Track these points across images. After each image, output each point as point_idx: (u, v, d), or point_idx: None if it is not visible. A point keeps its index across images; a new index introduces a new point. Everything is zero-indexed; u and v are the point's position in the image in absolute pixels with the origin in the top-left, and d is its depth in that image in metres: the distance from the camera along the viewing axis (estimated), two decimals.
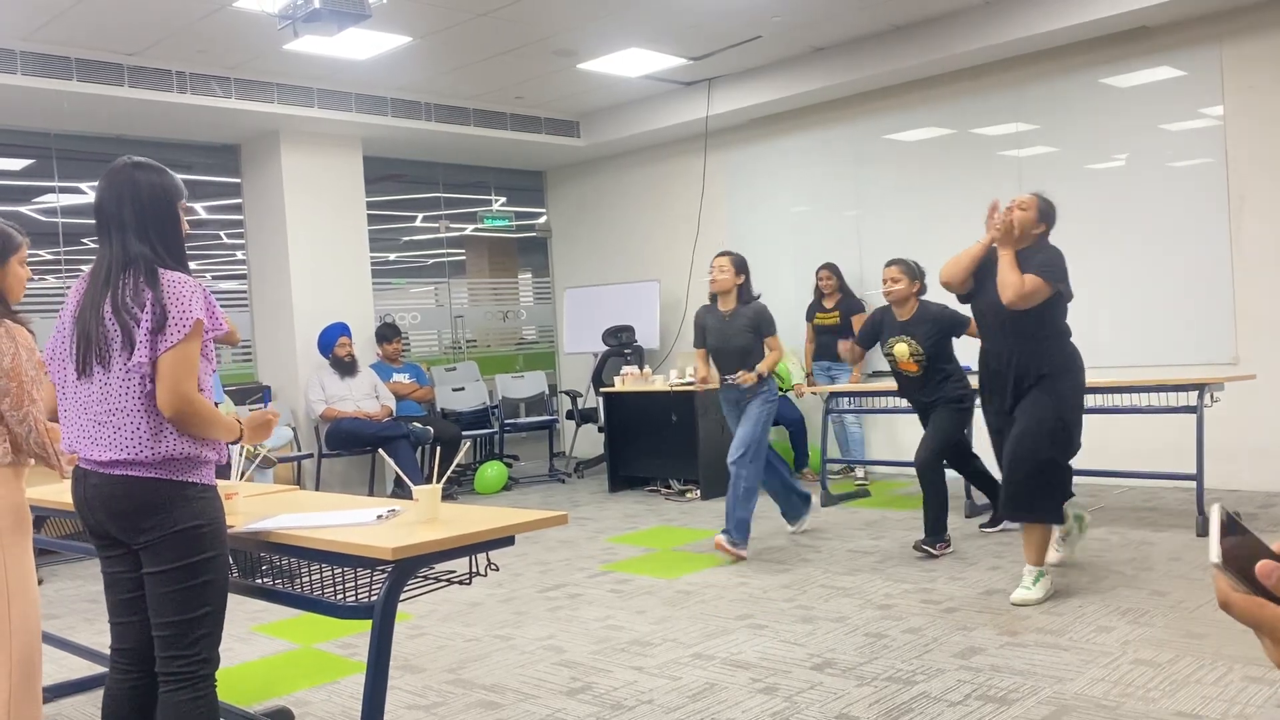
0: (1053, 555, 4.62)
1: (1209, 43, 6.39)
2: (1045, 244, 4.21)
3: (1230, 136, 6.35)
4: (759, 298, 5.53)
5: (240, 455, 3.20)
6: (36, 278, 2.78)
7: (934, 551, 5.10)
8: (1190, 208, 6.50)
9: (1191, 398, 5.41)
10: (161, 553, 2.27)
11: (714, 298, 5.53)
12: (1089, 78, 6.87)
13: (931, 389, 5.24)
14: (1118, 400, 5.78)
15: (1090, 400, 5.84)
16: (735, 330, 5.41)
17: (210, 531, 2.31)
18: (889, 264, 5.34)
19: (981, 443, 4.95)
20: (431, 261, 9.66)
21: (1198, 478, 5.35)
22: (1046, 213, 4.28)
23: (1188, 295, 6.52)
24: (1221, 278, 6.40)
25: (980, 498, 6.19)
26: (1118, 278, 6.78)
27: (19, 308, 2.77)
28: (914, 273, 5.31)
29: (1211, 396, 5.40)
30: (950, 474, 5.31)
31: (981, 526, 5.71)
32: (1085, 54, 6.83)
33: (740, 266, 5.48)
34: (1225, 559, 0.80)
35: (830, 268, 7.74)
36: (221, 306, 5.27)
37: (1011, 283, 4.03)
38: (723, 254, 5.55)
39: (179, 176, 2.52)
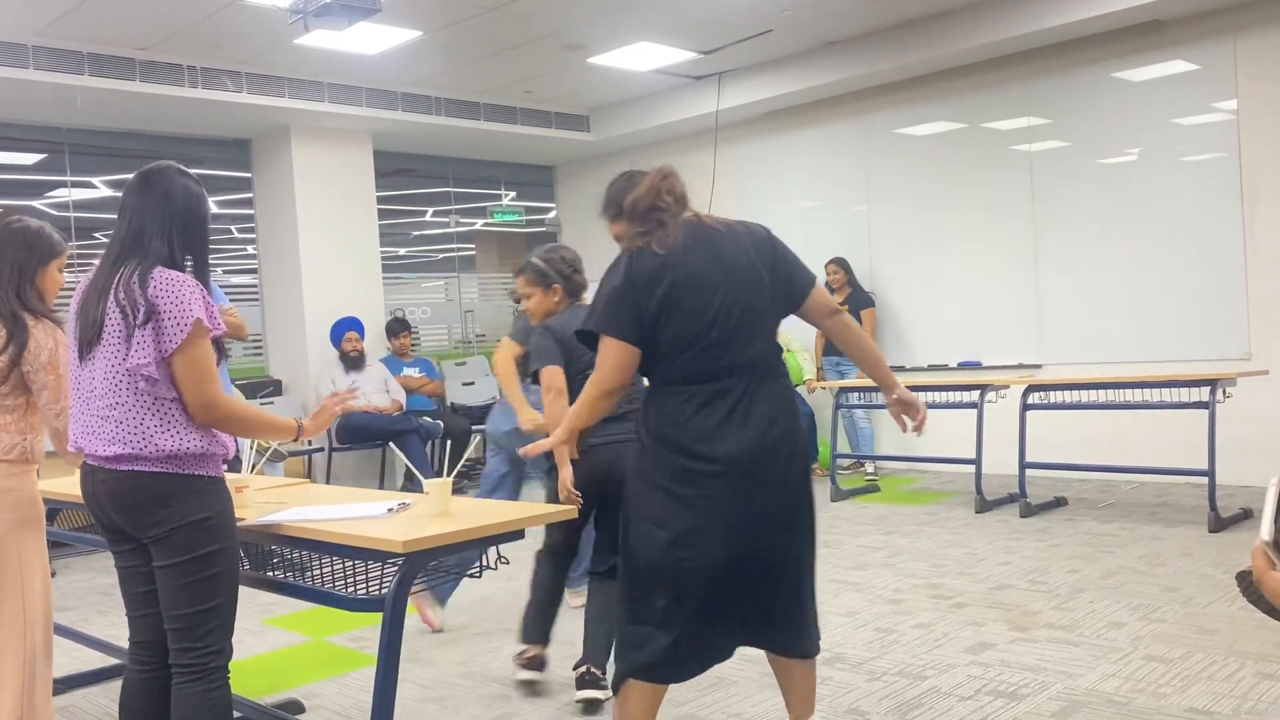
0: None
1: (1222, 36, 6.35)
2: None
3: (1243, 130, 6.31)
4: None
5: (251, 449, 3.21)
6: None
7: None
8: (1203, 202, 6.46)
9: (1204, 393, 5.39)
10: (170, 546, 2.28)
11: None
12: (1101, 72, 6.83)
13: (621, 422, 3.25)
14: (1130, 395, 5.76)
15: (1102, 395, 5.85)
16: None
17: (218, 524, 2.32)
18: (517, 273, 3.71)
19: None
20: (441, 256, 9.66)
21: (1210, 473, 5.33)
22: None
23: (1200, 290, 6.49)
24: (1234, 273, 6.36)
25: (993, 491, 6.17)
26: (1130, 273, 6.76)
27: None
28: (548, 278, 3.52)
29: (1224, 392, 5.38)
30: None
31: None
32: (1097, 48, 6.80)
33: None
34: (1277, 536, 0.80)
35: (839, 262, 7.73)
36: (233, 301, 5.28)
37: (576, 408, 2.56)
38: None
39: (193, 171, 2.51)
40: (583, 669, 3.29)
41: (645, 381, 2.59)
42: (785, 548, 2.51)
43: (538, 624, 3.51)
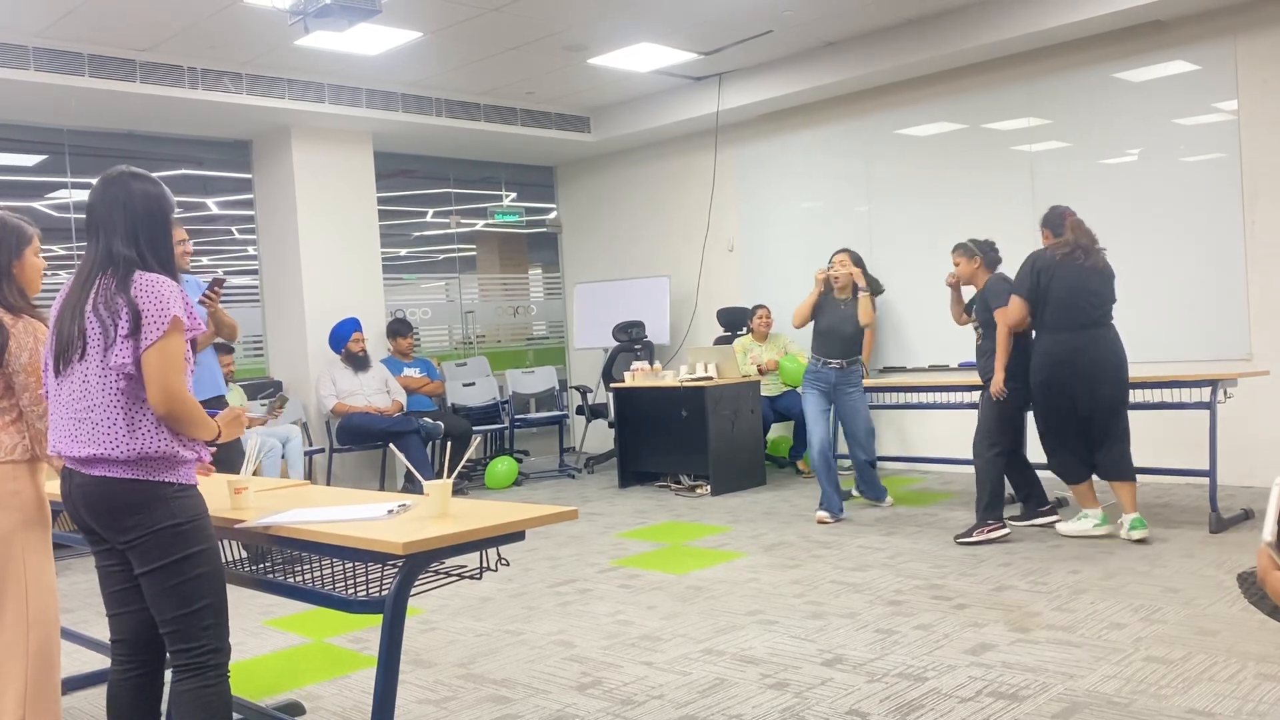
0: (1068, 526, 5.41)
1: (1223, 36, 6.35)
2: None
3: (1244, 131, 6.31)
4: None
5: (253, 448, 3.20)
6: (49, 273, 2.82)
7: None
8: (1204, 203, 6.46)
9: (1205, 393, 5.38)
10: (146, 552, 2.31)
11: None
12: (1102, 72, 6.83)
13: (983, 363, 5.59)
14: (1131, 396, 5.74)
15: None
16: (847, 317, 6.05)
17: (193, 528, 2.34)
18: (954, 249, 5.84)
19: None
20: (442, 257, 9.67)
21: (1211, 474, 5.33)
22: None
23: (1201, 291, 6.48)
24: (1235, 273, 6.36)
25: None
26: (1131, 273, 6.73)
27: (37, 301, 2.78)
28: (972, 251, 5.73)
29: (1225, 392, 5.37)
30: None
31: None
32: (1098, 48, 6.80)
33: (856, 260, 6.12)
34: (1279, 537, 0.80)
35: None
36: (233, 302, 5.26)
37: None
38: (841, 251, 6.20)
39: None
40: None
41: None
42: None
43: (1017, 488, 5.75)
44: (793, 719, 3.09)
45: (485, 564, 2.56)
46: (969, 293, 5.92)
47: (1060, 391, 5.13)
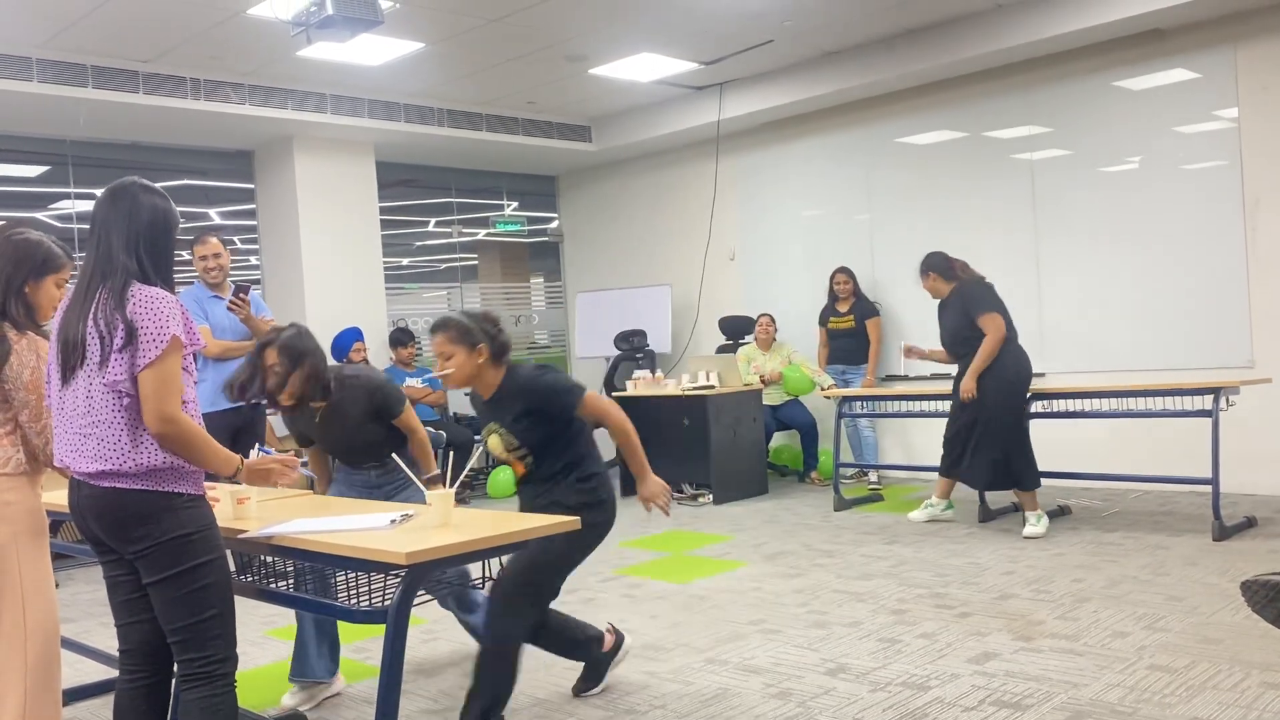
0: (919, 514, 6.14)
1: (1223, 45, 6.36)
2: None
3: (1245, 139, 6.31)
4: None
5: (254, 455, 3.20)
6: None
7: None
8: (1204, 210, 6.47)
9: (1207, 401, 5.38)
10: (155, 562, 2.31)
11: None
12: (1102, 80, 6.85)
13: (550, 490, 3.24)
14: (1132, 404, 5.74)
15: (1105, 404, 5.86)
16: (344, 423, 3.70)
17: (201, 538, 2.34)
18: (434, 330, 3.19)
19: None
20: (444, 266, 9.68)
21: (1213, 482, 5.32)
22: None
23: (1202, 298, 6.48)
24: (1236, 280, 6.36)
25: (996, 500, 6.17)
26: (1132, 281, 6.75)
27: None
28: (473, 336, 3.14)
29: (1227, 400, 5.37)
30: None
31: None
32: (1098, 57, 6.81)
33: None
34: None
35: (846, 271, 7.74)
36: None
37: None
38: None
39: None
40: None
41: None
42: None
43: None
44: None
45: (488, 574, 2.56)
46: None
47: None
